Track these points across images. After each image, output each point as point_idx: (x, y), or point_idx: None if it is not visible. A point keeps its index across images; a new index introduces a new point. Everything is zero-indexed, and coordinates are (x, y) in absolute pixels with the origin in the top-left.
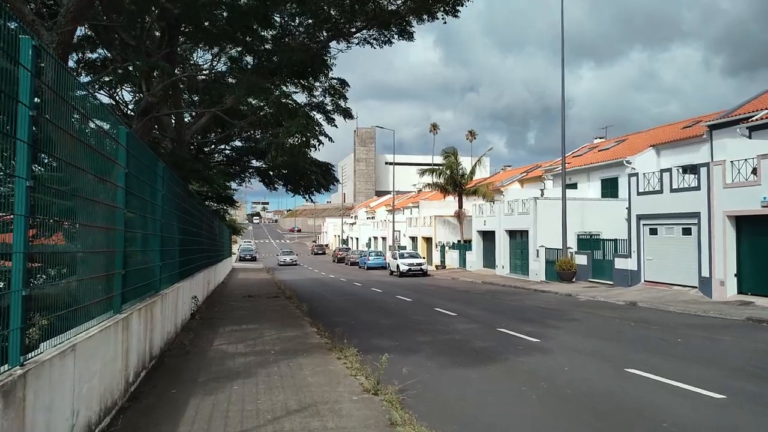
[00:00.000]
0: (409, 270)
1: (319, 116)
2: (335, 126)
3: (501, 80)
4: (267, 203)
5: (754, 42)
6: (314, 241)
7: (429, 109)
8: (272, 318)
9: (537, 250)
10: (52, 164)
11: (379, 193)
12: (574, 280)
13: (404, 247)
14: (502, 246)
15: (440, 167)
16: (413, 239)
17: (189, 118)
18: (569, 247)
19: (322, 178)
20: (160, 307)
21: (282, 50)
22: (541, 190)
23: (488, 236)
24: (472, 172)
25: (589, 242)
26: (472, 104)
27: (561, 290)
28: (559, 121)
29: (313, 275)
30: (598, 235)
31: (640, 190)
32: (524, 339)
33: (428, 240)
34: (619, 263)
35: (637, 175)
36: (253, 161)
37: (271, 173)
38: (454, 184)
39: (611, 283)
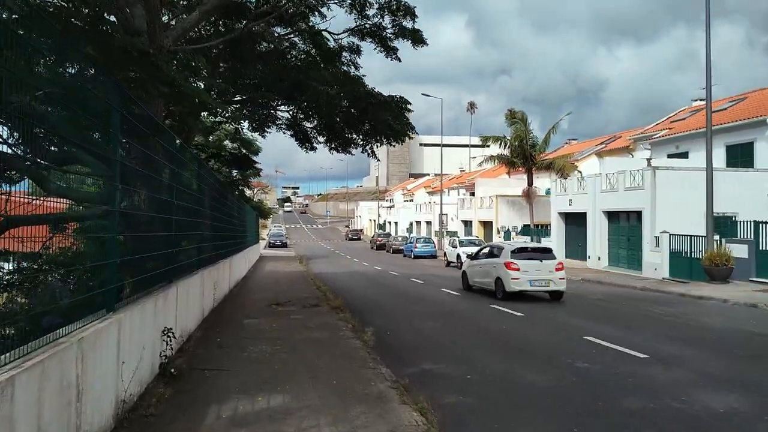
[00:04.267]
0: None
1: (374, 46)
2: (397, 58)
3: (534, 63)
4: (297, 188)
5: None
6: (347, 226)
7: (460, 93)
8: (319, 370)
9: (656, 237)
10: None
11: (414, 176)
12: (728, 279)
13: (455, 233)
14: (598, 231)
15: (505, 138)
16: (466, 223)
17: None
18: (714, 235)
19: (392, 118)
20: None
21: None
22: (648, 159)
23: (574, 219)
24: (546, 141)
25: (727, 226)
26: (504, 87)
27: (723, 296)
28: (596, 103)
29: (353, 266)
30: (734, 216)
31: None
32: None
33: (487, 224)
34: None
35: None
36: (280, 107)
37: (305, 123)
38: (524, 156)
39: None
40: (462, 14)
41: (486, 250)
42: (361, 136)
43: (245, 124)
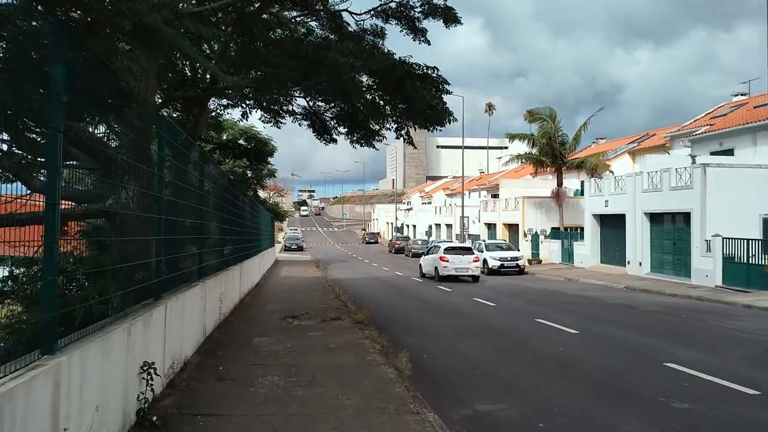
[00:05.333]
0: (502, 266)
1: (399, 28)
2: (426, 41)
3: (550, 65)
4: (313, 191)
5: None
6: (364, 229)
7: (476, 96)
8: (345, 415)
9: (707, 242)
10: None
11: (431, 179)
12: None
13: (477, 236)
14: (639, 235)
15: (532, 135)
16: (489, 226)
17: None
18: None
19: (431, 97)
20: None
21: None
22: (693, 157)
23: (611, 221)
24: (576, 139)
25: None
26: (520, 90)
27: None
28: (613, 105)
29: (373, 271)
30: None
31: None
32: None
33: (512, 227)
34: None
35: None
36: (295, 90)
37: (323, 107)
38: (553, 155)
39: None
40: (477, 17)
41: (432, 248)
42: (394, 118)
43: (257, 114)
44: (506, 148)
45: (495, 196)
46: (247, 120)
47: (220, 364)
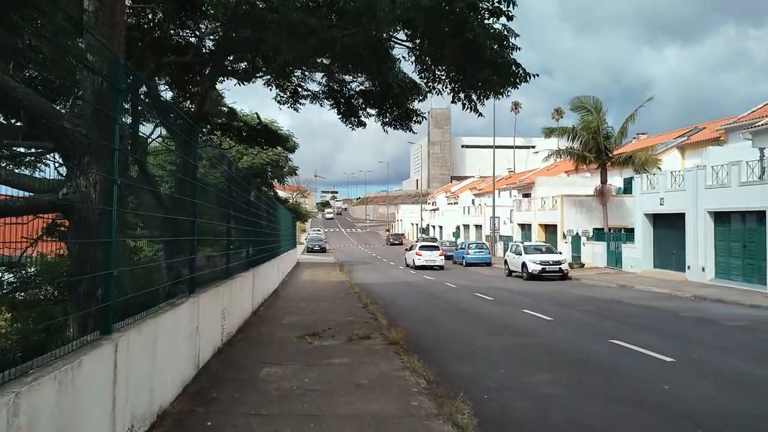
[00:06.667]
0: (543, 271)
1: None
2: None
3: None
4: (336, 192)
5: None
6: (388, 230)
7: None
8: None
9: None
10: None
11: (456, 179)
12: None
13: (509, 237)
14: (702, 236)
15: (574, 129)
16: (523, 227)
17: None
18: None
19: (493, 54)
20: None
21: None
22: (761, 149)
23: (666, 221)
24: (623, 132)
25: None
26: (546, 89)
27: None
28: (641, 103)
29: (400, 274)
30: None
31: None
32: None
33: (548, 228)
34: None
35: None
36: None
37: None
38: (597, 149)
39: None
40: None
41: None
42: (447, 81)
43: (272, 92)
44: (533, 147)
45: (526, 195)
46: (252, 81)
47: (210, 415)
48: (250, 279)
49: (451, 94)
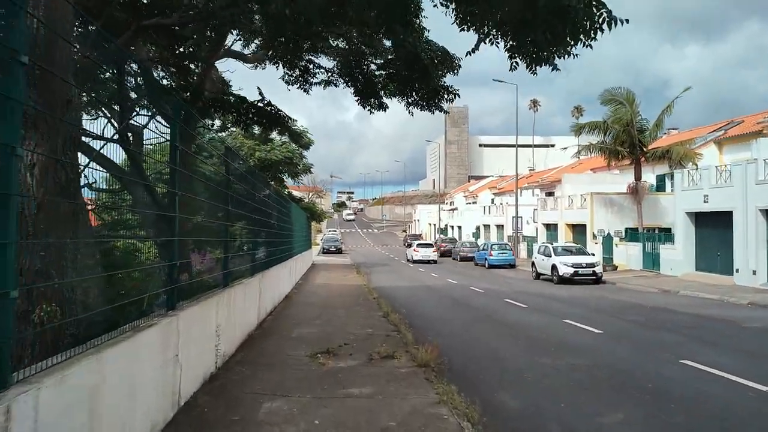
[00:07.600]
0: (576, 274)
1: None
2: None
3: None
4: (352, 193)
5: None
6: (405, 231)
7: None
8: None
9: None
10: None
11: (474, 179)
12: None
13: (533, 238)
14: (752, 237)
15: (606, 123)
16: (548, 227)
17: None
18: None
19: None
20: None
21: None
22: None
23: (710, 220)
24: (658, 125)
25: None
26: (563, 87)
27: None
28: (660, 102)
29: (421, 277)
30: None
31: None
32: None
33: (577, 228)
34: None
35: None
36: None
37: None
38: (631, 144)
39: None
40: None
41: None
42: (499, 35)
43: (279, 71)
44: (552, 146)
45: (549, 194)
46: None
47: None
48: (255, 286)
49: (507, 51)
